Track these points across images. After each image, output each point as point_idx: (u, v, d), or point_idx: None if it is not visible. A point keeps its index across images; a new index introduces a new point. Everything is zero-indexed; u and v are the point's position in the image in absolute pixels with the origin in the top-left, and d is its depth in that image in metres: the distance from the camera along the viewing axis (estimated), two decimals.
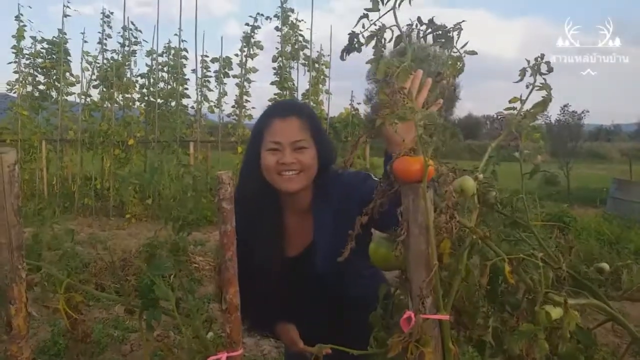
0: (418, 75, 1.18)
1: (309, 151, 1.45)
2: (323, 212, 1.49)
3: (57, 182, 9.03)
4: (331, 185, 1.50)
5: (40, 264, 1.24)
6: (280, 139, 1.43)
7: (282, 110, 1.49)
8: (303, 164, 1.43)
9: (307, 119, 1.47)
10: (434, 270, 0.92)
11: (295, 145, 1.43)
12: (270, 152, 1.44)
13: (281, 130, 1.44)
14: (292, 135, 1.43)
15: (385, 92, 1.01)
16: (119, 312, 4.16)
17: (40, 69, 9.22)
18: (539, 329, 0.84)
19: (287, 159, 1.42)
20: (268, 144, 1.45)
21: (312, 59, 8.73)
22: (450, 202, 0.88)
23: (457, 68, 1.06)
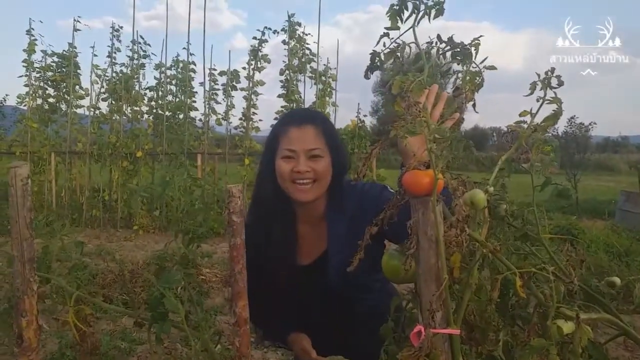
0: (433, 90, 1.19)
1: (324, 160, 1.45)
2: (337, 221, 1.49)
3: (66, 194, 9.09)
4: (346, 196, 1.50)
5: (49, 276, 1.25)
6: (295, 146, 1.43)
7: (299, 119, 1.50)
8: (317, 173, 1.44)
9: (322, 127, 1.48)
10: (444, 284, 0.91)
11: (310, 154, 1.43)
12: (285, 160, 1.44)
13: (297, 138, 1.44)
14: (307, 144, 1.43)
15: (401, 106, 1.02)
16: (127, 324, 4.16)
17: (50, 82, 9.33)
18: (551, 343, 0.84)
19: (301, 167, 1.42)
20: (283, 152, 1.45)
21: (318, 72, 8.78)
22: (460, 215, 0.88)
23: (475, 83, 1.06)
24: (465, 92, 1.06)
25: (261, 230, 1.49)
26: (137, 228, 8.01)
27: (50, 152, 8.98)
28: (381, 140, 1.07)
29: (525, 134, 1.10)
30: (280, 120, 1.56)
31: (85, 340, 1.26)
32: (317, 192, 1.46)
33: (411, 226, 0.96)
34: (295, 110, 1.87)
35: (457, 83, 1.14)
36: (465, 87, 1.06)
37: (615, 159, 29.71)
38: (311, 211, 1.53)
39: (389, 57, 1.19)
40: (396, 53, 1.18)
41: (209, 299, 4.68)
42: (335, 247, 1.49)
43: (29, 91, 9.24)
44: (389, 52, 1.19)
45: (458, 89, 1.09)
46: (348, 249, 1.17)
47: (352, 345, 1.48)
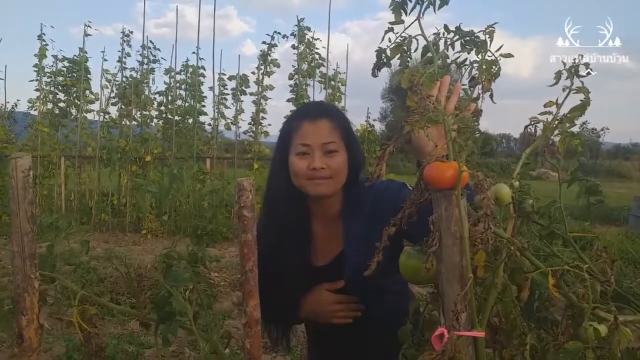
0: (445, 82, 1.14)
1: (340, 155, 1.38)
2: (353, 221, 1.43)
3: (75, 198, 9.10)
4: (363, 194, 1.43)
5: (54, 275, 1.20)
6: (309, 141, 1.37)
7: (312, 112, 1.42)
8: (333, 169, 1.37)
9: (338, 121, 1.41)
10: (470, 283, 0.85)
11: (325, 149, 1.37)
12: (299, 156, 1.38)
13: (311, 132, 1.37)
14: (322, 138, 1.37)
15: (413, 100, 0.97)
16: (134, 328, 4.12)
17: (60, 87, 9.37)
18: (588, 347, 0.78)
19: (316, 163, 1.35)
20: (297, 147, 1.38)
21: (328, 77, 8.74)
22: (488, 209, 0.82)
23: (492, 72, 1.01)
24: (482, 82, 1.00)
25: (275, 230, 1.43)
26: (145, 232, 7.98)
27: (60, 156, 9.01)
28: (394, 139, 1.02)
29: (551, 125, 1.05)
30: (293, 114, 1.49)
31: (89, 342, 1.21)
32: (334, 188, 1.40)
33: (433, 222, 0.91)
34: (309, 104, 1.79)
35: (472, 73, 1.09)
36: (482, 77, 1.00)
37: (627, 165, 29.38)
38: (326, 209, 1.47)
39: (396, 52, 1.14)
40: (403, 47, 1.13)
41: (218, 303, 4.63)
42: (351, 247, 1.42)
43: (40, 96, 9.30)
44: (395, 47, 1.14)
45: (474, 79, 1.03)
46: (365, 250, 1.11)
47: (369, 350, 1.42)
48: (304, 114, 1.43)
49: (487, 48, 1.06)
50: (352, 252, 1.40)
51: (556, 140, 1.05)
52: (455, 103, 1.09)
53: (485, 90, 1.09)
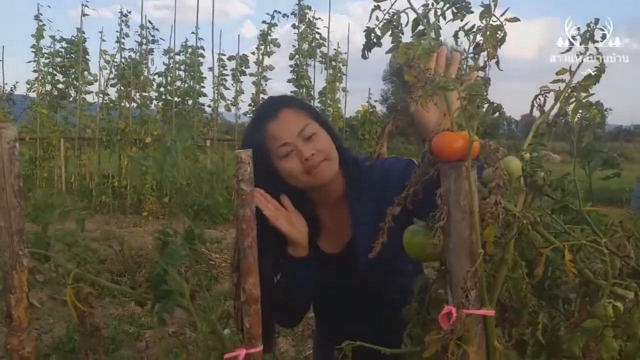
0: (442, 53, 1.08)
1: (321, 135, 1.31)
2: (359, 202, 1.36)
3: (75, 180, 9.07)
4: (365, 174, 1.36)
5: (48, 253, 1.16)
6: (285, 138, 1.28)
7: (269, 111, 1.33)
8: (323, 150, 1.29)
9: (298, 106, 1.34)
10: (479, 259, 0.81)
11: (304, 136, 1.28)
12: (285, 158, 1.29)
13: (281, 129, 1.29)
14: (294, 127, 1.29)
15: (411, 75, 0.91)
16: (135, 309, 4.11)
17: (59, 68, 9.28)
18: (607, 325, 0.73)
19: (306, 152, 1.27)
20: (277, 152, 1.29)
21: (329, 57, 8.64)
22: (501, 181, 0.77)
23: (497, 38, 0.95)
24: (487, 49, 0.94)
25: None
26: (146, 214, 7.97)
27: (60, 138, 8.95)
28: (393, 117, 0.96)
29: (564, 94, 1.00)
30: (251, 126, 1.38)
31: (84, 321, 1.18)
32: (333, 168, 1.32)
33: (441, 196, 0.86)
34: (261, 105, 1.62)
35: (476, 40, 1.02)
36: (486, 44, 0.94)
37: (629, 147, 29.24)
38: (329, 194, 1.39)
39: (386, 30, 1.07)
40: (392, 23, 1.07)
41: (219, 284, 4.63)
42: (360, 231, 1.35)
43: (38, 77, 9.20)
44: (385, 25, 1.07)
45: (478, 46, 0.97)
46: (375, 233, 1.05)
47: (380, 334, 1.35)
48: (262, 118, 1.33)
49: (491, 13, 0.99)
50: (362, 237, 1.33)
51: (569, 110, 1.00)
52: (456, 73, 1.04)
53: (490, 58, 1.03)
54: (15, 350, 0.88)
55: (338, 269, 1.39)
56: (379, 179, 1.35)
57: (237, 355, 0.91)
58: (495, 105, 0.98)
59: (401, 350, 0.98)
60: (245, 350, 0.90)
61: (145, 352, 3.47)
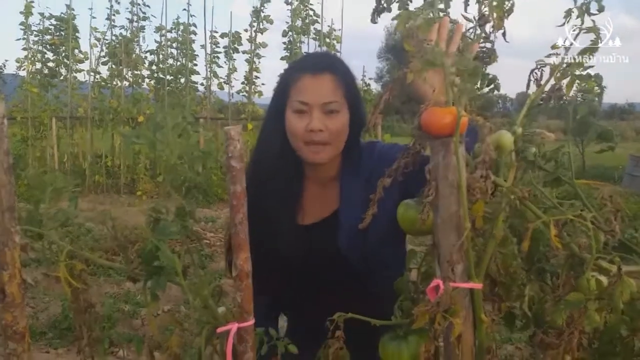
0: (444, 23, 1.06)
1: (341, 116, 1.26)
2: (352, 183, 1.33)
3: (68, 160, 9.02)
4: (363, 155, 1.34)
5: (40, 230, 1.16)
6: (309, 99, 1.24)
7: (315, 65, 1.28)
8: (332, 132, 1.25)
9: (342, 77, 1.28)
10: (466, 233, 0.82)
11: (325, 108, 1.24)
12: (297, 114, 1.26)
13: (311, 88, 1.24)
14: (323, 96, 1.24)
15: (411, 45, 0.91)
16: (131, 287, 4.14)
17: (48, 46, 9.13)
18: (590, 298, 0.75)
19: (315, 124, 1.23)
20: (294, 104, 1.26)
21: (323, 34, 8.55)
22: (487, 156, 0.78)
23: (504, 8, 0.94)
24: (494, 20, 0.94)
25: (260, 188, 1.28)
26: (140, 194, 7.96)
27: (51, 117, 8.86)
28: (389, 86, 0.96)
29: (559, 68, 1.00)
30: (293, 65, 1.36)
31: (78, 298, 1.19)
32: (331, 153, 1.29)
33: (430, 171, 0.87)
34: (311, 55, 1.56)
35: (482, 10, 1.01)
36: (493, 14, 0.94)
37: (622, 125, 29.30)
38: (323, 172, 1.37)
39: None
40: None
41: (213, 262, 4.65)
42: (348, 209, 1.32)
43: (28, 55, 9.07)
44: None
45: (484, 17, 0.96)
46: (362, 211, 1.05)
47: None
48: (305, 66, 1.30)
49: None
50: (349, 216, 1.31)
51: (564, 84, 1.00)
52: (459, 45, 1.02)
53: (497, 29, 1.02)
54: (9, 326, 0.89)
55: (314, 240, 1.36)
56: (373, 163, 1.32)
57: (229, 330, 0.92)
58: (490, 77, 0.98)
59: (392, 322, 1.00)
60: (237, 324, 0.92)
61: (140, 329, 3.50)
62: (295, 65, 1.35)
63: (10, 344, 0.90)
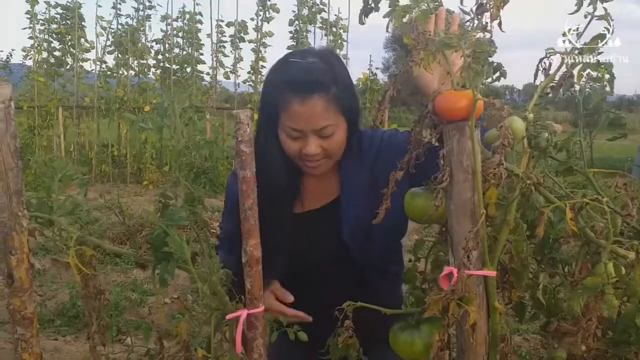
0: (440, 14, 1.05)
1: (337, 134, 1.20)
2: (353, 170, 1.29)
3: (75, 149, 9.04)
4: (364, 141, 1.29)
5: (50, 217, 1.16)
6: (301, 126, 1.17)
7: (301, 88, 1.16)
8: (330, 151, 1.21)
9: (332, 91, 1.17)
10: (482, 220, 0.81)
11: (319, 133, 1.18)
12: (290, 138, 1.20)
13: (302, 116, 1.16)
14: (315, 123, 1.17)
15: (411, 37, 0.89)
16: (138, 276, 4.16)
17: (55, 35, 9.12)
18: (607, 283, 0.73)
19: (310, 149, 1.18)
20: (287, 129, 1.19)
21: (329, 23, 8.48)
22: (506, 140, 0.76)
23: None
24: (491, 9, 0.91)
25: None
26: (147, 183, 7.98)
27: (58, 106, 8.86)
28: (393, 82, 0.94)
29: (570, 54, 0.97)
30: (277, 80, 1.21)
31: (88, 284, 1.18)
32: (331, 164, 1.26)
33: (443, 156, 0.85)
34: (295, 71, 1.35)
35: None
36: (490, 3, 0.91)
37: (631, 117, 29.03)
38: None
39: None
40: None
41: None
42: (350, 197, 1.29)
43: (34, 44, 9.06)
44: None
45: (482, 6, 0.94)
46: (366, 202, 1.02)
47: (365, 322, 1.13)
48: (291, 88, 1.17)
49: None
50: (351, 204, 1.27)
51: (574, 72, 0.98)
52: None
53: (493, 18, 1.00)
54: (17, 310, 0.89)
55: (312, 229, 1.32)
56: (375, 150, 1.30)
57: (239, 316, 0.92)
58: (495, 65, 0.95)
59: (401, 311, 0.99)
60: (247, 311, 0.91)
61: (148, 317, 3.52)
62: (280, 83, 1.20)
63: (19, 329, 0.90)
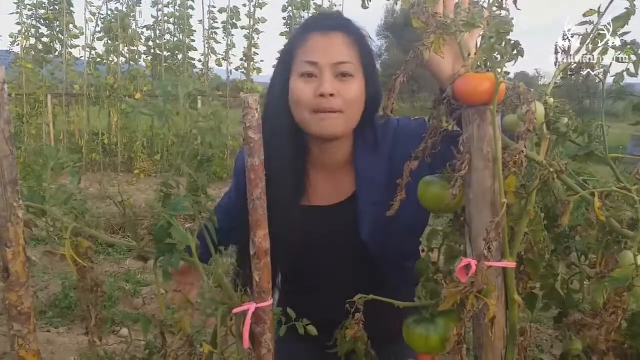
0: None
1: (356, 82, 1.09)
2: (370, 163, 1.17)
3: (65, 138, 8.91)
4: (378, 133, 1.17)
5: (44, 207, 1.11)
6: (318, 58, 1.06)
7: (324, 24, 1.11)
8: (346, 99, 1.07)
9: (357, 38, 1.11)
10: (503, 210, 0.77)
11: (338, 70, 1.07)
12: (304, 78, 1.08)
13: (321, 47, 1.07)
14: (334, 55, 1.06)
15: (419, 22, 0.84)
16: (131, 266, 4.11)
17: (43, 21, 8.94)
18: (637, 275, 0.70)
19: (326, 88, 1.05)
20: (301, 66, 1.08)
21: (323, 9, 8.38)
22: (531, 125, 0.72)
23: None
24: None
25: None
26: (138, 172, 7.89)
27: (47, 94, 8.71)
28: (403, 68, 0.90)
29: (590, 37, 0.94)
30: (300, 26, 1.18)
31: (85, 277, 1.14)
32: (345, 127, 1.11)
33: (463, 143, 0.81)
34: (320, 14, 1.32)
35: None
36: None
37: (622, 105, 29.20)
38: (332, 155, 1.19)
39: None
40: None
41: None
42: (367, 194, 1.16)
43: (22, 30, 8.87)
44: None
45: None
46: (386, 199, 0.93)
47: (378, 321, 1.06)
48: (313, 25, 1.13)
49: None
50: (369, 200, 1.16)
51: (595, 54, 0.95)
52: None
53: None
54: (13, 306, 0.84)
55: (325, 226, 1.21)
56: (390, 141, 1.18)
57: (247, 310, 0.88)
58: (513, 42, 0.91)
59: (415, 304, 0.96)
60: (255, 305, 0.87)
61: (142, 308, 3.48)
62: (302, 27, 1.17)
63: (15, 325, 0.85)
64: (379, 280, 1.19)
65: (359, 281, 1.09)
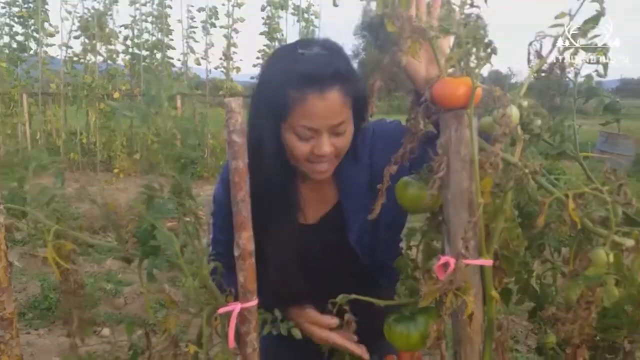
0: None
1: (348, 129, 1.11)
2: (352, 171, 1.20)
3: (41, 137, 8.77)
4: (358, 141, 1.18)
5: (25, 209, 1.10)
6: (317, 125, 1.06)
7: (321, 81, 1.05)
8: (339, 150, 1.11)
9: (349, 84, 1.07)
10: (480, 209, 0.80)
11: (334, 130, 1.08)
12: (300, 138, 1.08)
13: (320, 112, 1.05)
14: (332, 118, 1.06)
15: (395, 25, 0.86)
16: (112, 266, 4.07)
17: (16, 19, 8.77)
18: (609, 273, 0.74)
19: (324, 149, 1.07)
20: (300, 129, 1.07)
21: (301, 9, 8.39)
22: (507, 128, 0.75)
23: None
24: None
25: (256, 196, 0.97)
26: (117, 171, 7.81)
27: (22, 93, 8.55)
28: (378, 72, 0.91)
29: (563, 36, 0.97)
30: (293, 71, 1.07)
31: (67, 279, 1.14)
32: (333, 167, 1.15)
33: (441, 145, 0.84)
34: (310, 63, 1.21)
35: None
36: None
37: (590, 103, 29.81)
38: None
39: None
40: None
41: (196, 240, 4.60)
42: (351, 201, 1.21)
43: None
44: None
45: None
46: (369, 205, 0.96)
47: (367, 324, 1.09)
48: (309, 80, 1.05)
49: None
50: (354, 207, 1.20)
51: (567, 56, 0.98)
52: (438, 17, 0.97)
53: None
54: None
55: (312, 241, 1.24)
56: (368, 145, 1.21)
57: (232, 309, 0.89)
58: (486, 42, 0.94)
59: (395, 301, 0.98)
60: (240, 305, 0.89)
61: (124, 308, 3.46)
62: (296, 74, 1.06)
63: None
64: (369, 282, 1.21)
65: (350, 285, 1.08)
